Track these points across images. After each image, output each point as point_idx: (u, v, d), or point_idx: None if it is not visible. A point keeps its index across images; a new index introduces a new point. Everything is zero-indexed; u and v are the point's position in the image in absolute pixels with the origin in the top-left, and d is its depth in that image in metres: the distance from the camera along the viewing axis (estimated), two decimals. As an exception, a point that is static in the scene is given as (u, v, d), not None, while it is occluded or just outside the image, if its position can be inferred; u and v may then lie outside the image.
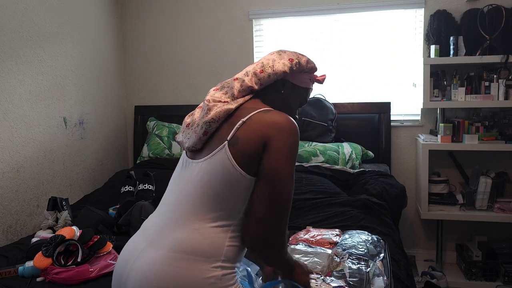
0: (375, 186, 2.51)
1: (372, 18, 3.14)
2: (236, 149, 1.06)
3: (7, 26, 2.36)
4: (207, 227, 1.07)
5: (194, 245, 1.05)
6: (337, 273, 1.47)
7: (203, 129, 1.12)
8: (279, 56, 1.22)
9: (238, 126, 1.08)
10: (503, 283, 2.73)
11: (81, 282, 1.65)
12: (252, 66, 1.22)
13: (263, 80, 1.18)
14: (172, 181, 1.22)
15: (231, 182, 1.07)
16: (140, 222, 2.08)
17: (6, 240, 2.32)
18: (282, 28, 3.31)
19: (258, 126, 1.07)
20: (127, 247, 1.17)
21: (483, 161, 2.95)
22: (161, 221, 1.14)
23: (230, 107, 1.12)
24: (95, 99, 3.18)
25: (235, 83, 1.19)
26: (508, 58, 2.65)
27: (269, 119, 1.08)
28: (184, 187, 1.14)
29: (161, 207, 1.20)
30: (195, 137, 1.14)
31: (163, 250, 1.06)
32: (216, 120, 1.11)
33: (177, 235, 1.08)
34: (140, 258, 1.09)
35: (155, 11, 3.49)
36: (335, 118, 3.07)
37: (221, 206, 1.08)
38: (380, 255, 1.62)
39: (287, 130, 1.07)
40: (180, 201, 1.13)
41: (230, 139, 1.08)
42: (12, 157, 2.39)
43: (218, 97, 1.16)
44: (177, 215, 1.11)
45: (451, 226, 3.08)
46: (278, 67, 1.18)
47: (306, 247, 1.64)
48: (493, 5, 2.75)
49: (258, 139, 1.06)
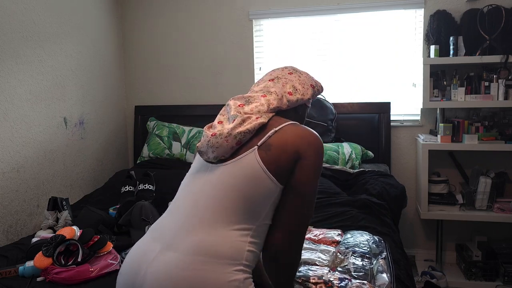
0: (375, 186, 2.51)
1: (372, 18, 3.15)
2: (266, 155, 1.10)
3: (7, 26, 2.36)
4: (228, 230, 1.06)
5: (216, 247, 1.04)
6: (341, 269, 1.47)
7: (237, 139, 1.12)
8: (300, 79, 1.28)
9: (270, 135, 1.13)
10: (503, 283, 2.73)
11: (81, 282, 1.65)
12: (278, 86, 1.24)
13: (291, 103, 1.24)
14: (187, 184, 1.20)
15: (257, 184, 1.08)
16: (140, 222, 2.10)
17: (6, 240, 2.32)
18: (282, 28, 3.31)
19: (290, 137, 1.12)
20: (135, 252, 1.14)
21: (483, 161, 2.96)
22: (177, 224, 1.11)
23: (263, 121, 1.15)
24: (95, 99, 3.18)
25: (264, 100, 1.20)
26: (508, 58, 2.65)
27: (301, 133, 1.14)
28: (202, 190, 1.13)
29: (175, 210, 1.17)
30: (226, 146, 1.12)
31: (183, 254, 1.04)
32: (251, 131, 1.13)
33: (197, 237, 1.06)
34: (157, 261, 1.05)
35: (155, 11, 3.49)
36: (335, 118, 3.07)
37: (244, 209, 1.08)
38: (382, 254, 1.63)
39: (319, 147, 1.14)
40: (199, 203, 1.11)
41: (260, 144, 1.11)
42: (12, 157, 2.40)
43: (248, 111, 1.17)
44: (196, 218, 1.09)
45: (451, 226, 3.08)
46: (306, 94, 1.27)
47: (310, 245, 1.65)
48: (493, 5, 2.75)
49: (291, 150, 1.10)
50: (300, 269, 1.44)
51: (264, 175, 1.08)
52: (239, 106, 1.19)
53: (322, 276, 1.38)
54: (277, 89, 1.23)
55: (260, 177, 1.08)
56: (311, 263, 1.49)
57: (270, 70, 1.36)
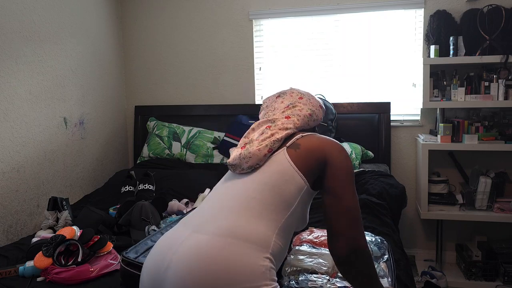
0: (375, 186, 2.51)
1: (372, 18, 3.15)
2: (295, 152, 1.19)
3: (7, 26, 2.36)
4: (258, 220, 1.10)
5: (246, 232, 1.07)
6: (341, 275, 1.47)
7: (268, 147, 1.21)
8: (310, 102, 1.39)
9: (297, 137, 1.24)
10: (503, 283, 2.73)
11: (81, 282, 1.65)
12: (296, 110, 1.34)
13: (311, 124, 1.37)
14: (219, 186, 1.28)
15: (285, 178, 1.15)
16: (140, 222, 2.10)
17: (6, 240, 2.32)
18: (282, 28, 3.31)
19: (316, 141, 1.23)
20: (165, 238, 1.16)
21: (483, 161, 2.96)
22: (208, 213, 1.16)
23: (289, 132, 1.26)
24: (95, 99, 3.19)
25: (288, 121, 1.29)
26: (507, 58, 2.65)
27: (326, 140, 1.24)
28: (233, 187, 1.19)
29: (205, 206, 1.22)
30: (259, 154, 1.20)
31: (214, 235, 1.07)
32: (280, 140, 1.23)
33: (228, 222, 1.10)
34: (188, 241, 1.08)
35: (155, 11, 3.49)
36: (335, 118, 3.07)
37: (272, 202, 1.12)
38: (384, 256, 1.62)
39: (344, 152, 1.22)
40: (229, 198, 1.17)
41: (289, 145, 1.22)
42: (12, 157, 2.40)
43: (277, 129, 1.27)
44: (226, 208, 1.14)
45: (451, 226, 3.09)
46: (320, 115, 1.39)
47: (310, 248, 1.64)
48: (492, 5, 2.76)
49: (317, 151, 1.19)
50: (299, 279, 1.43)
51: (292, 169, 1.16)
52: (267, 127, 1.28)
53: (322, 287, 1.37)
54: (297, 112, 1.34)
55: (288, 172, 1.16)
56: (310, 271, 1.48)
57: (276, 94, 1.45)
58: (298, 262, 1.53)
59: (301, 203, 1.18)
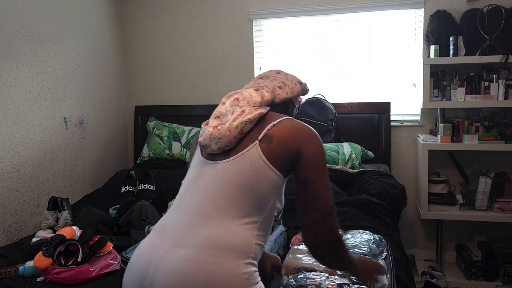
0: (375, 186, 2.51)
1: (372, 18, 3.15)
2: (267, 147, 1.12)
3: (7, 26, 2.36)
4: (236, 224, 1.08)
5: (226, 241, 1.06)
6: (340, 272, 1.47)
7: (239, 128, 1.14)
8: (287, 77, 1.32)
9: (269, 128, 1.15)
10: (503, 283, 2.73)
11: (81, 282, 1.65)
12: (267, 81, 1.28)
13: (281, 96, 1.27)
14: (190, 182, 1.20)
15: (261, 177, 1.11)
16: (140, 222, 2.10)
17: (6, 240, 2.32)
18: (282, 28, 3.31)
19: (289, 131, 1.15)
20: (142, 251, 1.13)
21: (483, 161, 2.96)
22: (183, 222, 1.12)
23: (262, 112, 1.18)
24: (95, 99, 3.18)
25: (257, 93, 1.22)
26: (507, 58, 2.65)
27: (300, 127, 1.17)
28: (207, 187, 1.14)
29: (180, 208, 1.17)
30: (229, 136, 1.13)
31: (193, 248, 1.05)
32: (252, 121, 1.15)
33: (205, 233, 1.07)
34: (168, 258, 1.06)
35: (155, 11, 3.49)
36: (335, 118, 3.07)
37: (249, 202, 1.10)
38: (382, 254, 1.62)
39: (318, 140, 1.17)
40: (204, 200, 1.12)
41: (261, 138, 1.13)
42: (12, 157, 2.40)
43: (244, 103, 1.19)
44: (202, 214, 1.11)
45: (451, 226, 3.08)
46: (295, 88, 1.30)
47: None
48: (492, 5, 2.75)
49: (292, 143, 1.13)
50: (298, 277, 1.43)
51: (266, 167, 1.11)
52: (234, 100, 1.21)
53: (320, 284, 1.37)
54: (267, 83, 1.27)
55: (263, 170, 1.11)
56: (309, 269, 1.48)
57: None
58: (297, 260, 1.53)
59: (277, 195, 1.16)
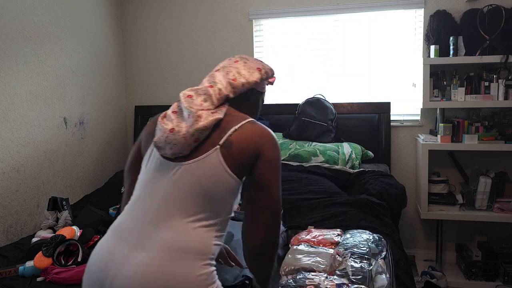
0: (375, 186, 2.51)
1: (372, 18, 3.15)
2: (228, 153, 1.12)
3: (7, 26, 2.36)
4: (194, 227, 1.09)
5: (184, 243, 1.07)
6: (339, 272, 1.47)
7: (194, 137, 1.12)
8: (246, 64, 1.29)
9: (230, 133, 1.14)
10: (503, 283, 2.73)
11: (81, 282, 1.65)
12: (222, 74, 1.25)
13: (237, 89, 1.24)
14: (148, 182, 1.18)
15: (220, 182, 1.11)
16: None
17: (6, 240, 2.32)
18: (282, 28, 3.31)
19: (250, 136, 1.15)
20: (101, 252, 1.12)
21: (483, 161, 2.96)
22: (142, 223, 1.11)
23: (219, 117, 1.16)
24: (95, 99, 3.18)
25: (211, 90, 1.19)
26: (507, 58, 2.65)
27: (258, 132, 1.17)
28: (166, 190, 1.12)
29: (138, 209, 1.15)
30: (184, 143, 1.12)
31: (153, 252, 1.06)
32: (208, 128, 1.13)
33: (164, 235, 1.07)
34: (127, 262, 1.05)
35: (155, 11, 3.49)
36: (335, 118, 3.07)
37: (209, 207, 1.11)
38: (382, 253, 1.62)
39: (276, 144, 1.18)
40: (163, 204, 1.11)
41: (222, 143, 1.13)
42: (12, 157, 2.40)
43: (199, 104, 1.16)
44: (161, 217, 1.10)
45: (451, 226, 3.08)
46: (251, 77, 1.26)
47: (308, 247, 1.65)
48: (492, 5, 2.75)
49: (251, 148, 1.13)
50: (297, 277, 1.43)
51: (225, 173, 1.11)
52: (187, 97, 1.18)
53: (319, 284, 1.37)
54: (221, 77, 1.24)
55: (222, 175, 1.11)
56: (308, 269, 1.48)
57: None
58: (296, 261, 1.53)
59: (234, 196, 1.17)
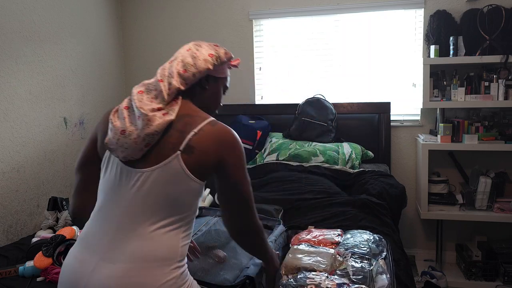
0: (375, 186, 2.50)
1: (372, 18, 3.15)
2: (190, 158, 1.09)
3: (7, 26, 2.36)
4: (161, 233, 1.09)
5: (152, 252, 1.07)
6: (340, 272, 1.47)
7: (146, 141, 1.08)
8: (197, 51, 1.22)
9: (190, 137, 1.10)
10: (503, 283, 2.73)
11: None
12: (173, 66, 1.18)
13: (189, 80, 1.18)
14: (110, 190, 1.14)
15: (184, 188, 1.10)
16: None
17: (6, 240, 2.32)
18: (282, 28, 3.31)
19: (211, 142, 1.12)
20: (71, 263, 1.12)
21: (483, 161, 2.96)
22: (109, 233, 1.10)
23: (171, 118, 1.11)
24: (95, 99, 3.18)
25: (162, 85, 1.14)
26: (507, 58, 2.65)
27: (219, 135, 1.14)
28: (129, 196, 1.11)
29: (104, 218, 1.13)
30: (135, 148, 1.08)
31: (121, 263, 1.05)
32: (159, 132, 1.09)
33: (132, 246, 1.07)
34: (96, 273, 1.05)
35: (155, 11, 3.49)
36: (335, 118, 3.07)
37: (174, 211, 1.11)
38: (382, 253, 1.62)
39: (237, 145, 1.17)
40: (129, 212, 1.10)
41: (183, 149, 1.09)
42: (12, 157, 2.40)
43: (149, 103, 1.11)
44: (128, 226, 1.09)
45: (451, 226, 3.08)
46: (201, 65, 1.19)
47: (308, 247, 1.65)
48: (492, 5, 2.75)
49: (214, 155, 1.12)
50: (297, 277, 1.43)
51: (189, 179, 1.10)
52: (138, 93, 1.13)
53: (320, 284, 1.37)
54: (172, 69, 1.18)
55: (185, 181, 1.10)
56: (309, 269, 1.48)
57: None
58: (296, 260, 1.53)
59: (199, 196, 1.17)
